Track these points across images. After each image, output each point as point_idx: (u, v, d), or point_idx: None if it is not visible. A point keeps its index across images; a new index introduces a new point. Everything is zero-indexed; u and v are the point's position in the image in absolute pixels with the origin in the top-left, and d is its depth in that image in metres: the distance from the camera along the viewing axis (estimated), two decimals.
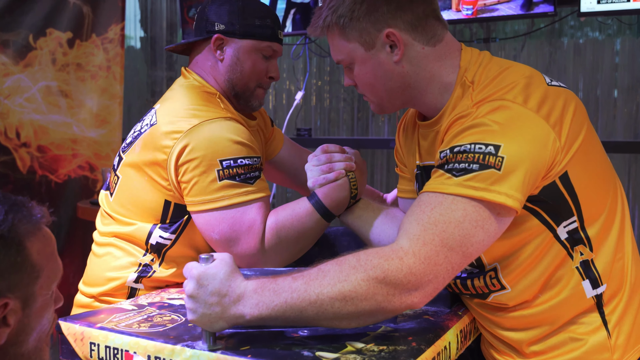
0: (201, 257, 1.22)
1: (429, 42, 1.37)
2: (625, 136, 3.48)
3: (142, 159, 1.65)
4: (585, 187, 1.28)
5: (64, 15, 3.80)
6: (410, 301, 1.16)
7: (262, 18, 1.73)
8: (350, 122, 4.13)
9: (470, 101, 1.29)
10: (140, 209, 1.67)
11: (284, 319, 1.17)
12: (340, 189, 1.61)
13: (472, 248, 1.17)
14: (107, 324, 1.33)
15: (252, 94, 1.77)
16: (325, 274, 1.16)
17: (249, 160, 1.60)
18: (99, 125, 3.88)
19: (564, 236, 1.28)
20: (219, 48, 1.72)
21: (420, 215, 1.18)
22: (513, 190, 1.17)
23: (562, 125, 1.24)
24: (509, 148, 1.17)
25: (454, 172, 1.19)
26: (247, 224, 1.58)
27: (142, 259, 1.68)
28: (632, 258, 1.36)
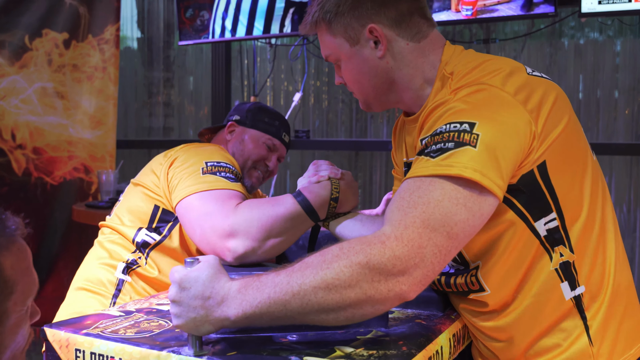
0: (186, 260, 1.19)
1: (413, 38, 1.38)
2: (626, 138, 3.45)
3: (141, 176, 1.87)
4: (564, 181, 1.25)
5: (60, 15, 3.78)
6: (399, 289, 1.09)
7: (271, 118, 2.09)
8: (348, 123, 4.10)
9: (449, 89, 1.29)
10: (132, 214, 1.84)
11: (269, 316, 1.12)
12: (321, 186, 1.70)
13: (456, 228, 1.12)
14: (93, 330, 1.30)
15: (247, 173, 2.04)
16: (308, 265, 1.11)
17: (232, 167, 1.78)
18: (94, 127, 3.86)
19: (543, 233, 1.25)
20: (230, 132, 2.08)
21: (400, 202, 1.15)
22: (487, 169, 1.13)
23: (539, 112, 1.22)
24: (484, 126, 1.15)
25: (431, 154, 1.17)
26: (222, 198, 1.66)
27: (129, 256, 1.81)
28: (616, 262, 1.32)
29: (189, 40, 3.74)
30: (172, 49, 4.63)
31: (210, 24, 3.64)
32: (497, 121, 1.17)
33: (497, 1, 2.96)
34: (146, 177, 1.84)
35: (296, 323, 1.15)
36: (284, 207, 1.63)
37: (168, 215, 1.80)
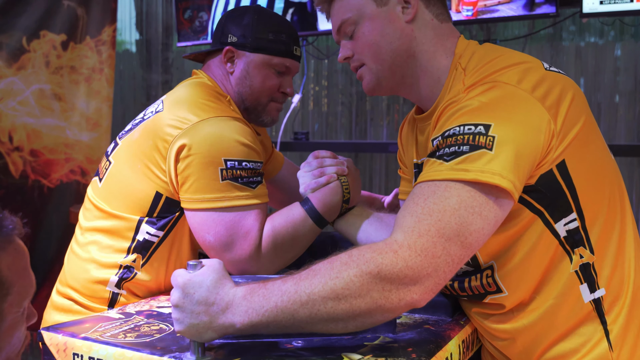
0: (189, 263, 1.16)
1: (438, 17, 1.37)
2: (627, 140, 3.43)
3: (140, 144, 1.59)
4: (584, 180, 1.21)
5: (58, 17, 3.74)
6: (410, 298, 1.06)
7: (276, 32, 1.70)
8: (348, 125, 4.07)
9: (462, 85, 1.24)
10: (128, 197, 1.59)
11: (276, 324, 1.09)
12: (332, 193, 1.58)
13: (471, 237, 1.09)
14: (92, 334, 1.27)
15: (264, 109, 1.75)
16: (316, 273, 1.08)
17: (253, 164, 1.55)
18: (91, 129, 3.83)
19: (563, 234, 1.22)
20: (229, 60, 1.71)
21: (414, 207, 1.11)
22: (507, 171, 1.09)
23: (558, 109, 1.18)
24: (500, 127, 1.11)
25: (444, 157, 1.13)
26: (245, 228, 1.52)
27: (123, 261, 1.60)
28: (636, 264, 1.28)
29: (188, 41, 3.72)
30: (171, 51, 4.60)
31: (209, 25, 3.61)
32: (513, 121, 1.13)
33: (498, 1, 2.93)
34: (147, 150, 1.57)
35: (304, 332, 1.12)
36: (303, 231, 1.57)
37: (172, 206, 1.58)
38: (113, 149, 1.70)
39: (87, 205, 1.70)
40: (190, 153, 1.51)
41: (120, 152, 1.65)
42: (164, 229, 1.59)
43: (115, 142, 1.71)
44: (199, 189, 1.52)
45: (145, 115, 1.68)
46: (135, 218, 1.59)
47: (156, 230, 1.59)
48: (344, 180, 1.61)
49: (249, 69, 1.70)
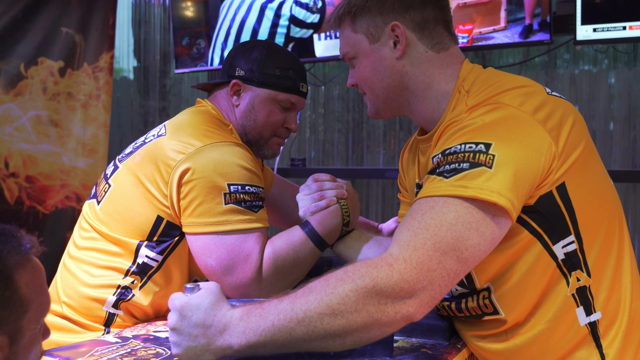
0: (186, 287, 1.16)
1: (434, 47, 1.38)
2: (622, 166, 3.45)
3: (142, 168, 1.60)
4: (584, 203, 1.22)
5: (56, 44, 3.77)
6: (406, 311, 1.07)
7: (283, 68, 1.72)
8: (344, 152, 4.09)
9: (465, 106, 1.26)
10: (129, 221, 1.59)
11: (273, 344, 1.09)
12: (332, 216, 1.59)
13: (467, 252, 1.10)
14: (88, 358, 1.26)
15: (266, 143, 1.76)
16: (312, 290, 1.09)
17: (255, 189, 1.57)
18: (87, 155, 3.83)
19: (561, 257, 1.22)
20: (235, 93, 1.73)
21: (411, 222, 1.13)
22: (505, 189, 1.10)
23: (559, 132, 1.19)
24: (500, 147, 1.13)
25: (444, 174, 1.15)
26: (246, 252, 1.53)
27: (122, 281, 1.59)
28: (632, 290, 1.28)
29: (185, 68, 3.74)
30: (168, 78, 4.63)
31: (209, 52, 3.64)
32: (514, 141, 1.15)
33: (493, 29, 2.97)
34: (149, 174, 1.58)
35: (301, 351, 1.11)
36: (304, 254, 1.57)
37: (173, 230, 1.58)
38: (113, 171, 1.70)
39: (84, 224, 1.69)
40: (194, 177, 1.52)
41: (120, 175, 1.66)
42: (163, 253, 1.59)
43: (115, 165, 1.71)
44: (203, 213, 1.52)
45: (146, 138, 1.69)
46: (135, 242, 1.59)
47: (155, 254, 1.59)
48: (344, 203, 1.62)
49: (255, 103, 1.71)
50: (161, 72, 4.59)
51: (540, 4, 2.82)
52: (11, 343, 1.02)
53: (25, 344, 1.05)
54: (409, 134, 3.78)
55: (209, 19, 3.60)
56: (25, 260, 1.05)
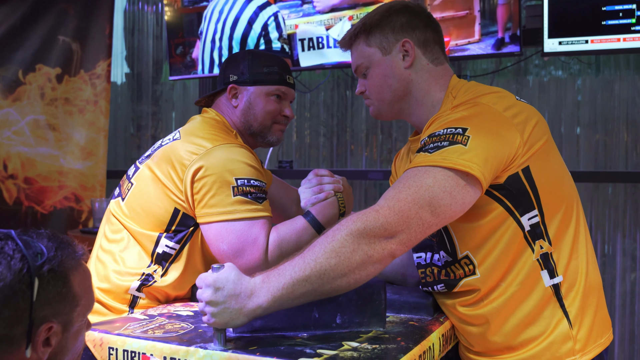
0: (213, 267, 1.36)
1: (433, 61, 1.65)
2: (587, 167, 3.69)
3: (159, 168, 1.82)
4: (545, 184, 1.49)
5: (54, 51, 3.93)
6: (390, 248, 1.33)
7: (269, 66, 1.98)
8: (329, 154, 4.29)
9: (450, 105, 1.55)
10: (150, 215, 1.81)
11: (294, 295, 1.31)
12: (331, 207, 1.82)
13: (439, 209, 1.36)
14: (124, 330, 1.46)
15: (269, 130, 1.99)
16: (316, 244, 1.33)
17: (259, 183, 1.79)
18: (85, 158, 3.98)
19: (527, 228, 1.49)
20: (234, 96, 1.98)
21: (397, 184, 1.39)
22: (476, 164, 1.37)
23: (525, 127, 1.47)
24: (474, 131, 1.40)
25: (429, 150, 1.41)
26: (253, 236, 1.73)
27: (146, 269, 1.81)
28: (588, 263, 1.55)
29: (179, 75, 3.93)
30: (160, 84, 4.80)
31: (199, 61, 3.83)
32: (486, 128, 1.43)
33: (468, 41, 3.20)
34: (165, 172, 1.80)
35: (317, 298, 1.34)
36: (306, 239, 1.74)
37: (188, 220, 1.79)
38: (134, 172, 1.93)
39: (112, 220, 1.90)
40: (206, 174, 1.74)
41: (141, 174, 1.88)
42: (180, 242, 1.81)
43: (136, 166, 1.94)
44: (215, 204, 1.75)
45: (163, 142, 1.93)
46: (156, 234, 1.81)
47: (174, 243, 1.80)
48: (340, 196, 1.85)
49: (251, 100, 1.96)
50: (153, 78, 4.76)
51: (511, 18, 3.06)
52: (64, 331, 1.24)
53: (74, 332, 1.27)
54: (390, 138, 3.98)
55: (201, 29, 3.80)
56: (78, 264, 1.28)
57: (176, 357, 1.35)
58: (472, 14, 3.15)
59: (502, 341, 1.53)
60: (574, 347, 1.49)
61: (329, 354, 1.29)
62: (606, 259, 3.62)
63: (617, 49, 2.89)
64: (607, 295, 3.57)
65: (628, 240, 3.59)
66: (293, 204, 2.25)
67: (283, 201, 2.25)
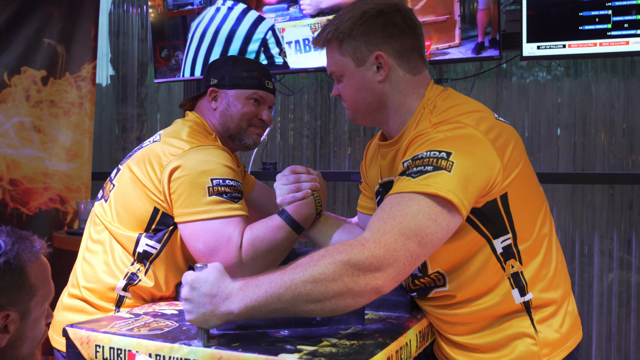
0: (197, 266, 1.41)
1: (410, 71, 1.60)
2: (566, 169, 3.76)
3: (139, 168, 1.87)
4: (519, 210, 1.50)
5: (39, 54, 3.94)
6: (375, 283, 1.29)
7: (249, 71, 2.04)
8: (312, 156, 4.34)
9: (429, 122, 1.51)
10: (131, 214, 1.86)
11: (266, 307, 1.31)
12: (308, 206, 1.84)
13: (426, 238, 1.33)
14: (110, 329, 1.50)
15: (245, 133, 2.05)
16: (298, 265, 1.32)
17: (234, 182, 1.83)
18: (70, 160, 4.00)
19: (499, 250, 1.51)
20: (213, 99, 2.05)
21: (381, 213, 1.36)
22: (459, 191, 1.35)
23: (504, 151, 1.46)
24: (459, 156, 1.38)
25: (412, 174, 1.39)
26: (227, 235, 1.77)
27: (130, 268, 1.85)
28: (557, 272, 1.58)
29: (164, 78, 3.96)
30: (145, 86, 4.82)
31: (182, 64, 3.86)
32: (470, 153, 1.40)
33: (449, 45, 3.26)
34: (144, 173, 1.84)
35: (288, 315, 1.34)
36: (281, 237, 1.80)
37: (167, 219, 1.84)
38: (116, 173, 1.98)
39: (96, 221, 1.95)
40: (182, 174, 1.80)
41: (122, 175, 1.94)
42: (160, 241, 1.85)
43: (118, 168, 1.99)
44: (190, 203, 1.79)
45: (143, 144, 1.99)
46: (135, 234, 1.86)
47: (154, 242, 1.85)
48: (317, 195, 1.86)
49: (230, 102, 2.03)
50: (138, 81, 4.78)
51: (491, 23, 3.13)
52: (22, 318, 1.37)
53: (32, 320, 1.39)
54: None
55: (186, 33, 3.83)
56: (35, 258, 1.41)
57: (161, 353, 1.40)
58: (453, 19, 3.21)
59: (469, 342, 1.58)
60: (539, 352, 1.53)
61: (308, 350, 1.34)
62: (584, 259, 3.69)
63: (594, 53, 2.96)
64: (585, 294, 3.64)
65: (605, 241, 3.66)
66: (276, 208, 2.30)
67: (266, 204, 2.30)
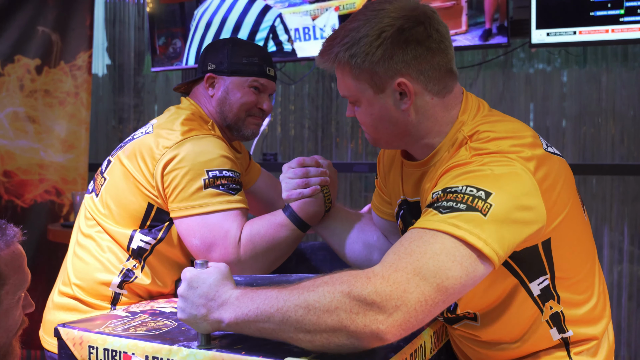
0: (196, 262, 1.32)
1: (439, 93, 1.38)
2: (573, 160, 3.68)
3: (131, 162, 1.76)
4: (563, 253, 1.34)
5: (33, 42, 3.86)
6: (376, 327, 1.08)
7: (249, 57, 1.91)
8: (314, 147, 4.26)
9: (469, 152, 1.31)
10: (124, 210, 1.76)
11: (254, 325, 1.18)
12: (315, 204, 1.71)
13: (447, 282, 1.11)
14: (105, 329, 1.41)
15: (243, 123, 1.93)
16: (298, 286, 1.16)
17: (232, 173, 1.72)
18: (66, 150, 3.92)
19: (536, 293, 1.36)
20: (210, 85, 1.92)
21: (398, 247, 1.16)
22: (493, 239, 1.15)
23: (552, 193, 1.28)
24: (499, 199, 1.17)
25: (440, 209, 1.19)
26: (225, 229, 1.68)
27: (125, 264, 1.76)
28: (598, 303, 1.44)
29: (161, 67, 3.86)
30: (142, 75, 4.73)
31: (185, 51, 3.76)
32: (513, 197, 1.19)
33: (455, 32, 3.17)
34: (136, 167, 1.74)
35: (278, 339, 1.18)
36: (284, 235, 1.69)
37: (163, 215, 1.75)
38: (107, 166, 1.86)
39: (87, 215, 1.85)
40: (176, 167, 1.70)
41: (113, 169, 1.82)
42: (156, 238, 1.76)
43: (108, 160, 1.87)
44: (185, 197, 1.69)
45: (135, 135, 1.86)
46: (129, 231, 1.76)
47: (149, 238, 1.75)
48: (327, 191, 1.72)
49: (228, 90, 1.90)
50: (135, 70, 4.69)
51: (499, 9, 3.03)
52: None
53: (3, 310, 1.34)
54: None
55: (185, 20, 3.74)
56: (7, 246, 1.34)
57: (159, 356, 1.31)
58: (459, 5, 3.11)
59: None
60: None
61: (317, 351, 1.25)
62: None
63: (606, 40, 2.87)
64: None
65: (615, 234, 3.58)
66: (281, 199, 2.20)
67: (271, 195, 2.21)
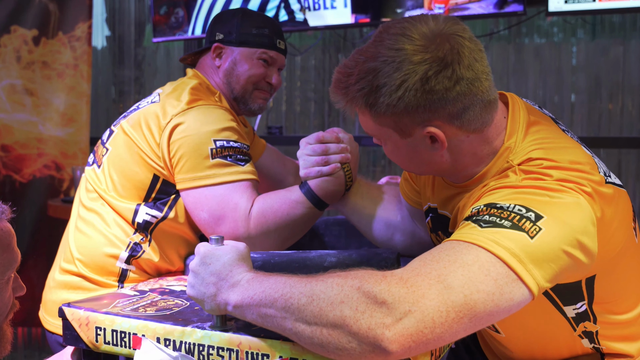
0: (211, 238, 1.23)
1: (475, 130, 1.22)
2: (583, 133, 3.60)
3: (136, 132, 1.69)
4: (607, 285, 1.23)
5: (29, 12, 3.75)
6: (380, 331, 0.95)
7: (259, 28, 1.84)
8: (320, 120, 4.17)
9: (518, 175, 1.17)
10: (128, 181, 1.68)
11: (257, 311, 1.09)
12: (335, 183, 1.60)
13: (477, 295, 0.97)
14: (112, 308, 1.32)
15: (250, 97, 1.86)
16: (311, 275, 1.07)
17: (240, 144, 1.65)
18: (66, 124, 3.83)
19: (571, 315, 1.27)
20: (218, 56, 1.85)
21: (425, 255, 1.05)
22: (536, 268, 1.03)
23: (607, 231, 1.15)
24: (552, 224, 1.05)
25: (480, 222, 1.06)
26: (234, 201, 1.60)
27: (132, 237, 1.69)
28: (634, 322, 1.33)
29: (163, 37, 3.76)
30: (142, 47, 4.62)
31: (192, 20, 3.65)
32: (568, 227, 1.07)
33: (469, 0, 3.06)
34: (141, 136, 1.67)
35: (276, 331, 1.10)
36: (299, 213, 1.60)
37: (169, 187, 1.68)
38: (109, 136, 1.78)
39: (89, 187, 1.76)
40: (181, 136, 1.62)
41: (116, 139, 1.74)
42: (162, 211, 1.68)
43: (110, 130, 1.79)
44: (191, 168, 1.62)
45: (140, 104, 1.77)
46: (133, 205, 1.68)
47: (155, 211, 1.68)
48: (347, 168, 1.60)
49: (236, 61, 1.83)
50: (135, 42, 4.59)
51: None
52: None
53: None
54: None
55: None
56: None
57: (171, 338, 1.22)
58: None
59: None
60: None
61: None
62: None
63: (626, 7, 2.76)
64: None
65: None
66: (289, 175, 2.11)
67: (278, 171, 2.12)
